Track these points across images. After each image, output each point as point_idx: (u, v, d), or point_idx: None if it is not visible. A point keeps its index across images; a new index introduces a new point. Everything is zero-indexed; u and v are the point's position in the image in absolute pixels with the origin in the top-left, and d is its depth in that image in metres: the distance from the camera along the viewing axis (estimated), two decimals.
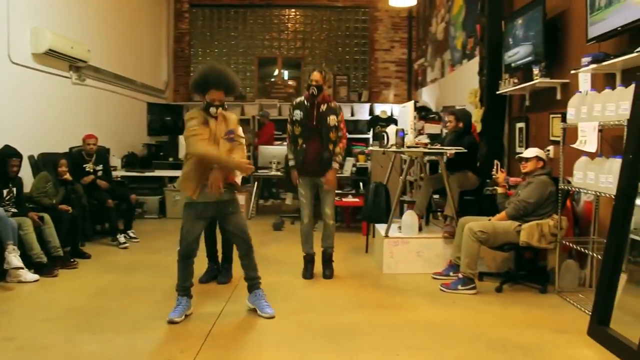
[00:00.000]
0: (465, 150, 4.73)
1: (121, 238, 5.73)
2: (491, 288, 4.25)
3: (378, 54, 11.14)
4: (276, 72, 11.35)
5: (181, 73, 10.89)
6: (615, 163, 3.48)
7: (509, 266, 4.68)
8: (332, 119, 4.35)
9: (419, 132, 6.51)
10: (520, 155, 4.42)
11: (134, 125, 8.75)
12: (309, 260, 4.59)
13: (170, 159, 8.70)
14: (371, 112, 10.65)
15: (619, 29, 3.66)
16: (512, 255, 4.63)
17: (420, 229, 4.94)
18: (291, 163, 4.51)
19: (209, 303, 3.86)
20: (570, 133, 4.09)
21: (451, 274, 4.53)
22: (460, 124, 5.08)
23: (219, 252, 4.57)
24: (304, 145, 4.41)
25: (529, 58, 5.00)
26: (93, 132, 6.25)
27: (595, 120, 3.68)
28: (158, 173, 7.94)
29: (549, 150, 4.76)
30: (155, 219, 7.58)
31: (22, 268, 4.29)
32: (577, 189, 3.93)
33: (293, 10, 11.06)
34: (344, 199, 6.70)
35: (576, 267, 4.27)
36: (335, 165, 4.41)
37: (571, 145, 3.88)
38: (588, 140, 3.72)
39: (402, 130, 4.65)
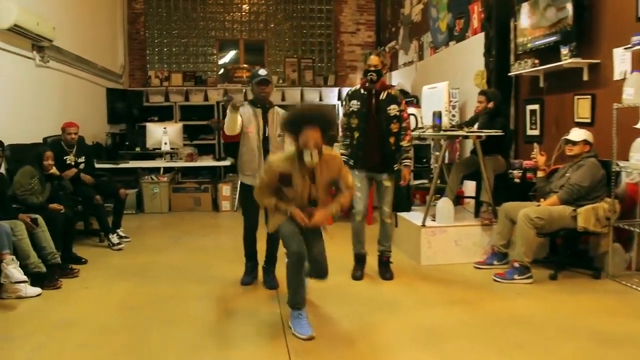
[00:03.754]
0: (502, 133, 4.53)
1: (114, 238, 5.10)
2: (541, 276, 4.07)
3: (344, 36, 10.81)
4: (232, 53, 10.76)
5: (136, 56, 10.06)
6: None
7: (544, 253, 4.53)
8: (392, 109, 3.94)
9: None
10: (567, 137, 4.24)
11: (95, 112, 7.94)
12: (359, 259, 4.16)
13: (137, 149, 8.02)
14: (339, 96, 10.34)
15: None
16: (547, 241, 4.50)
17: None
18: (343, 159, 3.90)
19: (263, 313, 3.43)
20: (625, 114, 3.95)
21: (495, 262, 4.34)
22: (490, 104, 4.87)
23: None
24: (361, 140, 3.97)
25: (554, 38, 4.85)
26: (62, 119, 5.54)
27: None
28: (133, 164, 7.24)
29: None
30: (133, 214, 6.91)
31: (25, 281, 3.64)
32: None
33: None
34: None
35: (622, 250, 4.18)
36: (409, 162, 4.03)
37: (634, 127, 3.74)
38: None
39: (439, 113, 4.36)
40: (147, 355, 2.79)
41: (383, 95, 3.94)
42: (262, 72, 3.88)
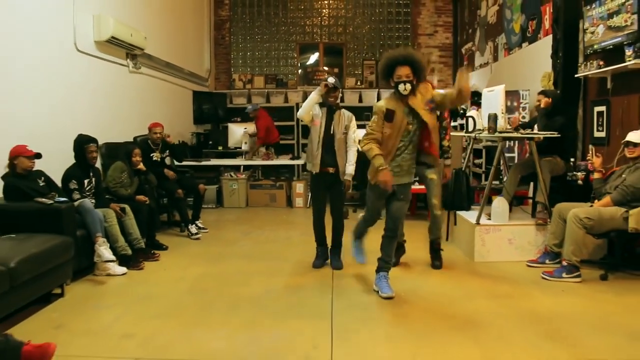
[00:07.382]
0: (558, 135, 4.57)
1: (192, 229, 5.64)
2: (591, 276, 4.11)
3: (421, 39, 10.92)
4: (314, 57, 11.14)
5: (222, 60, 10.75)
6: None
7: (601, 254, 4.53)
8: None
9: None
10: (627, 139, 4.21)
11: (182, 113, 8.64)
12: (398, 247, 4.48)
13: (220, 148, 8.63)
14: None
15: None
16: (605, 242, 4.50)
17: None
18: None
19: (316, 294, 3.78)
20: None
21: (547, 261, 4.41)
22: (547, 100, 4.90)
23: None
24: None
25: (619, 39, 4.81)
26: (151, 120, 6.16)
27: None
28: (214, 162, 7.83)
29: None
30: (213, 208, 7.49)
31: (113, 260, 4.21)
32: None
33: None
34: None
35: None
36: (448, 162, 4.44)
37: None
38: None
39: (496, 115, 4.49)
40: (210, 326, 3.21)
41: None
42: (331, 79, 4.37)
